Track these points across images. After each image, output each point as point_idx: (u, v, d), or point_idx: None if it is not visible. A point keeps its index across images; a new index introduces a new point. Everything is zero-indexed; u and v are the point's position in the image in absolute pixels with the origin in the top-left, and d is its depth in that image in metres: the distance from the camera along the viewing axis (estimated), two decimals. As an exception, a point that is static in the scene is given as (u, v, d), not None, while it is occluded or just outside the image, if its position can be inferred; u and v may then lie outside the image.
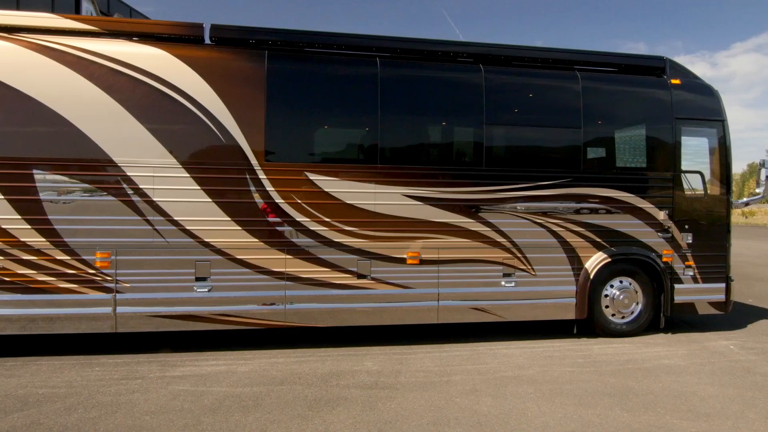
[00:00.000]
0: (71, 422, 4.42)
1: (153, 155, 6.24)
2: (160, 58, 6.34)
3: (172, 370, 5.81)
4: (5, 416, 4.51)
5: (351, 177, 6.66)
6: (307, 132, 6.90)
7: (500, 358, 6.42)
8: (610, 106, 7.50)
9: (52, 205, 6.12)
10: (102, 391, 5.16)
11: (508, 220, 6.99)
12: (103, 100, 6.17)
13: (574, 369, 6.06)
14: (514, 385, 5.48)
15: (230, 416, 4.59)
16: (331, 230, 6.60)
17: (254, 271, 6.47)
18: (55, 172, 6.12)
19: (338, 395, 5.12)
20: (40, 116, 6.06)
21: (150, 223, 6.25)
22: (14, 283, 6.04)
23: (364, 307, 6.72)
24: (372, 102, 6.80)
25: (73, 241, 6.14)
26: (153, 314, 6.31)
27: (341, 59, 7.01)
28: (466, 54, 7.27)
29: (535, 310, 7.14)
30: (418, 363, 6.19)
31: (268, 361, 6.20)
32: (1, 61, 6.06)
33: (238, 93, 6.46)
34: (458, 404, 4.95)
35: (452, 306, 6.91)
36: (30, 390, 5.16)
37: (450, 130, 7.33)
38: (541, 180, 7.07)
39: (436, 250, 6.85)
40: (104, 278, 6.21)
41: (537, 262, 7.10)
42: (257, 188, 6.45)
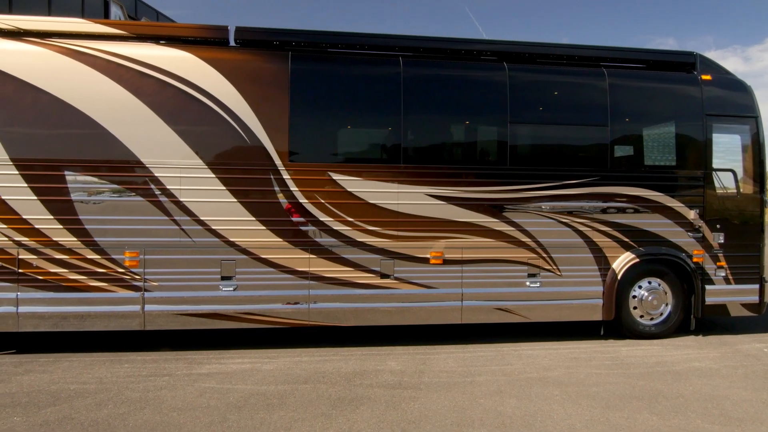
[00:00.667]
0: (101, 417, 4.52)
1: (180, 156, 6.34)
2: (186, 60, 6.45)
3: (199, 368, 5.90)
4: (38, 411, 4.64)
5: (374, 177, 6.67)
6: (330, 132, 6.94)
7: (525, 359, 6.35)
8: (638, 103, 7.35)
9: (83, 205, 6.27)
10: (131, 387, 5.27)
11: (532, 220, 6.91)
12: (132, 102, 6.30)
13: (601, 371, 5.95)
14: (540, 387, 5.41)
15: (255, 414, 4.64)
16: (354, 230, 6.61)
17: (278, 270, 6.53)
18: (85, 173, 6.27)
19: (362, 394, 5.13)
20: (71, 119, 6.22)
21: (177, 223, 6.36)
22: (47, 282, 6.21)
23: (387, 307, 6.71)
24: (395, 101, 6.79)
25: (102, 240, 6.28)
26: (180, 312, 6.41)
27: (364, 59, 7.02)
28: (490, 52, 7.21)
29: (560, 310, 7.04)
30: (441, 363, 6.16)
31: (292, 359, 6.25)
32: (34, 66, 6.23)
33: (262, 94, 6.53)
34: (482, 405, 4.91)
35: (476, 306, 6.86)
36: (62, 386, 5.30)
37: (473, 129, 7.27)
38: (567, 179, 6.96)
39: (459, 250, 6.81)
40: (133, 277, 6.34)
41: (562, 262, 7.00)
42: (281, 188, 6.51)
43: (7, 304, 6.17)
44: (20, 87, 6.17)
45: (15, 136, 6.16)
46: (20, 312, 6.18)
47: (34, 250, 6.19)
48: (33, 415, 4.56)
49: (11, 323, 6.19)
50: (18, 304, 6.18)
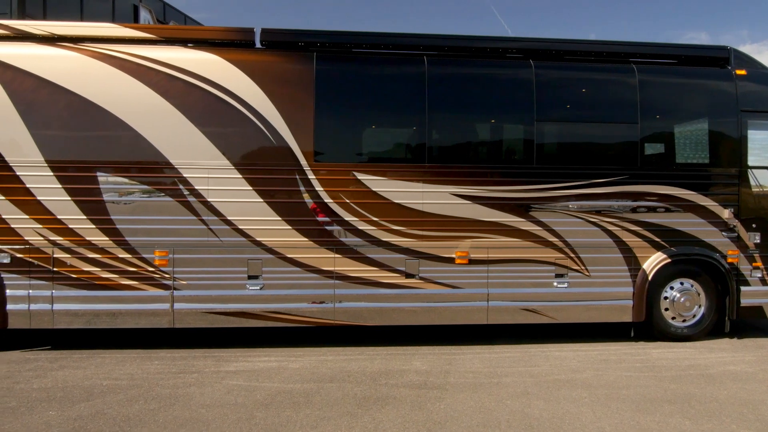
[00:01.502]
0: (132, 413, 4.62)
1: (207, 157, 6.44)
2: (214, 63, 6.54)
3: (226, 365, 5.98)
4: (72, 406, 4.77)
5: (399, 176, 6.66)
6: (355, 132, 6.97)
7: (552, 361, 6.26)
8: (670, 99, 7.18)
9: (114, 205, 6.43)
10: (161, 383, 5.37)
11: (560, 219, 6.80)
12: (161, 104, 6.42)
13: (631, 374, 5.83)
14: (568, 389, 5.32)
15: (282, 412, 4.68)
16: (379, 229, 6.62)
17: (304, 269, 6.57)
18: (116, 174, 6.43)
19: (387, 394, 5.12)
20: (103, 121, 6.38)
21: (205, 222, 6.46)
22: (80, 280, 6.38)
23: (413, 307, 6.70)
24: (419, 101, 6.77)
25: (133, 240, 6.42)
26: (208, 311, 6.51)
27: (388, 59, 7.02)
28: (516, 49, 7.13)
29: (589, 312, 6.91)
30: (467, 363, 6.12)
31: (318, 358, 6.28)
32: (68, 70, 6.41)
33: (287, 95, 6.59)
34: (509, 407, 4.86)
35: (502, 307, 6.79)
36: (95, 381, 5.43)
37: (499, 128, 7.21)
38: (596, 177, 6.83)
39: (485, 250, 6.74)
40: (163, 276, 6.47)
41: (591, 262, 6.87)
42: (306, 188, 6.55)
43: (43, 301, 6.35)
44: (55, 91, 6.36)
45: (50, 138, 6.35)
46: (55, 309, 6.37)
47: (69, 249, 6.36)
48: (67, 409, 4.69)
49: (47, 320, 6.38)
50: (53, 302, 6.36)
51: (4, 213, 6.28)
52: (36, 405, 4.78)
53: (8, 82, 6.32)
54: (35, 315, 6.35)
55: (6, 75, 6.32)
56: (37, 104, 6.35)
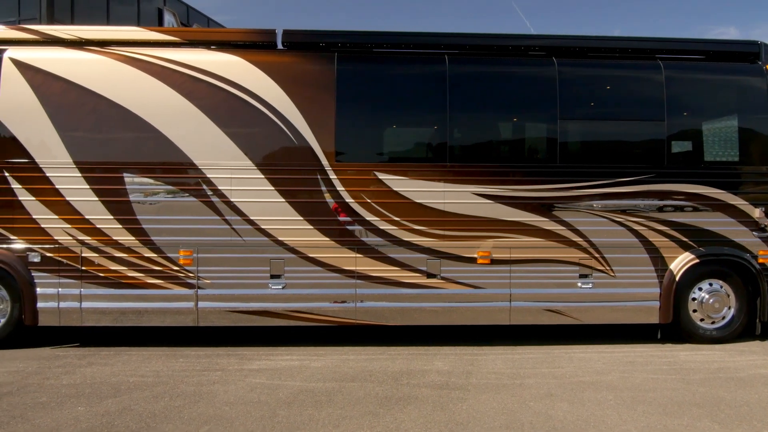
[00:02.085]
0: (158, 409, 4.69)
1: (230, 158, 6.52)
2: (236, 64, 6.61)
3: (249, 364, 6.04)
4: (100, 402, 4.87)
5: (420, 176, 6.64)
6: (376, 132, 6.98)
7: (576, 363, 6.17)
8: (697, 96, 7.04)
9: (140, 205, 6.54)
10: (186, 381, 5.45)
11: (584, 219, 6.70)
12: (185, 106, 6.52)
13: (658, 376, 5.71)
14: (592, 391, 5.24)
15: (304, 410, 4.70)
16: (400, 229, 6.61)
17: (326, 269, 6.60)
18: (142, 175, 6.54)
19: (409, 394, 5.11)
20: (129, 123, 6.50)
21: (228, 222, 6.53)
22: (108, 279, 6.52)
23: (434, 307, 6.67)
24: (441, 100, 6.75)
25: (159, 239, 6.53)
26: (231, 309, 6.59)
27: (409, 58, 7.02)
28: (538, 47, 7.06)
29: (614, 313, 6.80)
30: (489, 364, 6.07)
31: (340, 357, 6.30)
32: (95, 73, 6.55)
33: (309, 95, 6.62)
34: (532, 408, 4.80)
35: (525, 307, 6.72)
36: (122, 378, 5.54)
37: (521, 127, 7.14)
38: (621, 176, 6.71)
39: (507, 250, 6.68)
40: (187, 275, 6.56)
41: (616, 262, 6.75)
42: (328, 188, 6.58)
43: (72, 299, 6.50)
44: (82, 93, 6.50)
45: (78, 140, 6.50)
46: (83, 307, 6.51)
47: (96, 248, 6.50)
48: (95, 405, 4.79)
49: (75, 318, 6.53)
50: (81, 300, 6.51)
51: (35, 213, 6.45)
52: (65, 400, 4.89)
53: (38, 86, 6.48)
54: (64, 312, 6.51)
55: (36, 79, 6.49)
56: (65, 107, 6.50)
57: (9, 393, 5.06)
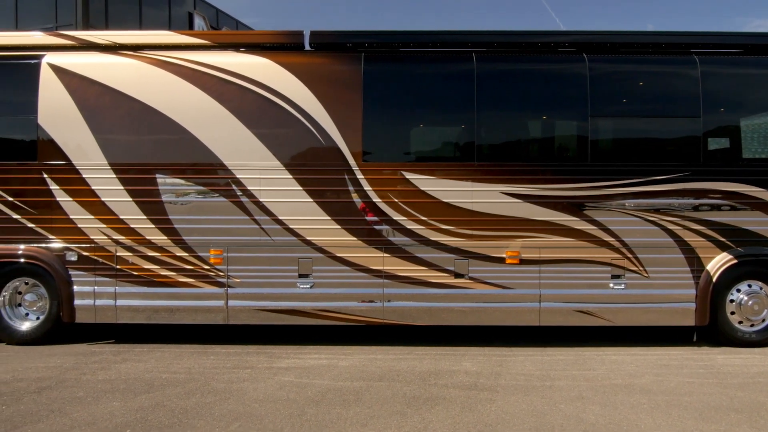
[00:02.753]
0: (190, 406, 4.78)
1: (259, 158, 6.59)
2: (265, 66, 6.69)
3: (278, 362, 6.11)
4: (134, 397, 4.99)
5: (447, 175, 6.60)
6: (403, 131, 6.97)
7: (608, 365, 6.04)
8: (735, 91, 6.82)
9: (172, 206, 6.68)
10: (216, 378, 5.54)
11: (616, 218, 6.55)
12: (215, 108, 6.62)
13: (693, 380, 5.55)
14: (625, 394, 5.12)
15: (332, 409, 4.73)
16: (427, 229, 6.58)
17: (353, 268, 6.62)
18: (174, 175, 6.68)
19: (437, 394, 5.09)
20: (161, 125, 6.64)
21: (257, 222, 6.62)
22: (141, 277, 6.67)
23: (462, 307, 6.62)
24: (468, 98, 6.69)
25: (190, 239, 6.66)
26: (260, 308, 6.67)
27: (436, 57, 6.99)
28: (568, 43, 6.94)
29: (647, 314, 6.63)
30: (518, 366, 5.99)
31: (367, 357, 6.31)
32: (128, 77, 6.71)
33: (336, 96, 6.65)
34: (563, 411, 4.72)
35: (555, 308, 6.61)
36: (155, 374, 5.66)
37: (551, 124, 7.03)
38: (654, 174, 6.54)
39: (537, 250, 6.59)
40: (217, 274, 6.67)
41: (650, 263, 6.59)
42: (355, 188, 6.60)
43: (107, 297, 6.68)
44: (116, 97, 6.67)
45: (112, 142, 6.67)
46: (118, 305, 6.69)
47: (130, 247, 6.66)
48: (130, 400, 4.91)
49: (110, 315, 6.71)
50: (116, 298, 6.68)
51: (72, 213, 6.64)
52: (101, 396, 5.02)
53: (75, 90, 6.68)
54: (100, 310, 6.69)
55: (73, 83, 6.68)
56: (100, 110, 6.68)
57: (48, 387, 5.23)
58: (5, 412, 4.61)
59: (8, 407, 4.72)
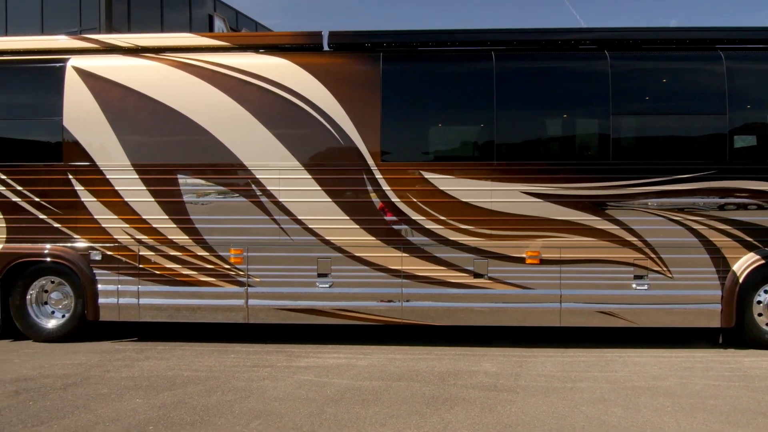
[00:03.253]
0: (211, 403, 4.83)
1: (278, 158, 6.64)
2: (284, 67, 6.73)
3: (298, 361, 6.14)
4: (157, 394, 5.06)
5: (466, 174, 6.57)
6: (421, 131, 6.95)
7: (631, 367, 5.94)
8: (762, 87, 6.64)
9: (193, 206, 6.76)
10: (237, 376, 5.59)
11: (639, 218, 6.44)
12: (235, 109, 6.68)
13: (719, 383, 5.43)
14: (648, 397, 5.03)
15: (351, 408, 4.73)
16: (446, 228, 6.55)
17: (372, 268, 6.62)
18: (195, 176, 6.76)
19: (456, 395, 5.06)
20: (183, 126, 6.72)
21: (277, 222, 6.66)
22: (163, 276, 6.77)
23: (481, 307, 6.58)
24: (487, 97, 6.65)
25: (210, 238, 6.73)
26: (280, 307, 6.71)
27: (455, 56, 6.96)
28: (589, 40, 6.85)
29: (671, 315, 6.51)
30: (539, 367, 5.94)
31: (386, 356, 6.31)
32: (150, 79, 6.81)
33: (355, 96, 6.66)
34: (584, 413, 4.66)
35: (576, 309, 6.53)
36: (177, 372, 5.74)
37: (572, 123, 6.95)
38: (678, 173, 6.42)
39: (557, 250, 6.51)
40: (238, 273, 6.73)
41: (674, 263, 6.46)
42: (374, 188, 6.60)
43: (130, 296, 6.79)
44: (139, 99, 6.77)
45: (135, 143, 6.77)
46: (141, 304, 6.79)
47: (152, 247, 6.76)
48: (152, 397, 4.98)
49: (133, 313, 6.82)
50: (139, 297, 6.79)
51: (96, 213, 6.77)
52: (125, 392, 5.11)
53: (98, 92, 6.80)
54: (123, 308, 6.80)
55: (96, 85, 6.81)
56: (123, 112, 6.79)
57: (73, 384, 5.33)
58: (32, 408, 4.71)
59: (35, 403, 4.83)
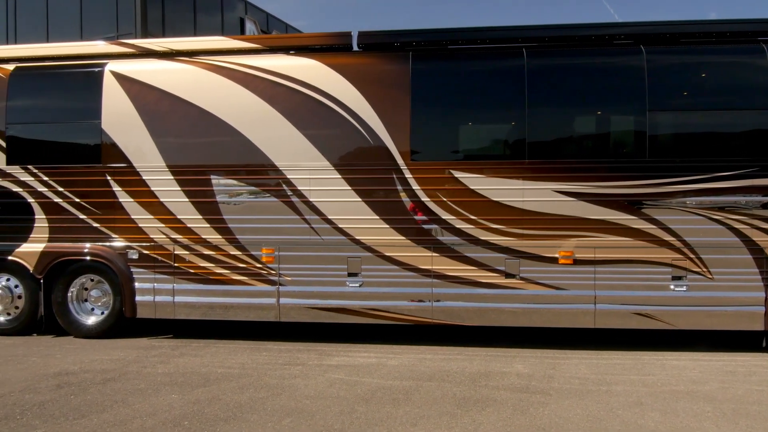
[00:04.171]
0: (244, 400, 4.91)
1: (309, 159, 6.69)
2: (314, 68, 6.78)
3: (328, 359, 6.18)
4: (191, 390, 5.17)
5: (497, 173, 6.49)
6: (451, 130, 6.91)
7: (669, 370, 5.78)
8: None
9: (226, 206, 6.88)
10: (269, 374, 5.66)
11: (677, 217, 6.26)
12: (267, 110, 6.77)
13: (763, 388, 5.23)
14: (687, 401, 4.88)
15: (382, 407, 4.74)
16: (477, 228, 6.49)
17: (402, 268, 6.61)
18: (227, 176, 6.87)
19: (487, 396, 5.01)
20: (216, 128, 6.84)
21: (307, 221, 6.72)
22: (197, 275, 6.91)
23: (513, 308, 6.50)
24: (519, 95, 6.56)
25: (243, 238, 6.83)
26: (310, 306, 6.77)
27: (485, 53, 6.89)
28: (624, 35, 6.68)
29: (711, 318, 6.30)
30: (572, 369, 5.82)
31: (417, 356, 6.29)
32: (184, 82, 6.95)
33: (384, 95, 6.66)
34: (620, 417, 4.55)
35: (612, 310, 6.38)
36: (211, 369, 5.84)
37: (606, 120, 6.79)
38: (719, 170, 6.20)
39: (592, 250, 6.37)
40: (269, 272, 6.82)
41: (714, 264, 6.25)
42: (403, 187, 6.58)
43: (166, 294, 6.95)
44: (173, 101, 6.92)
45: (170, 145, 6.93)
46: (176, 301, 6.94)
47: (187, 246, 6.91)
48: (187, 393, 5.08)
49: (168, 311, 6.98)
50: (174, 294, 6.94)
51: (133, 213, 6.95)
52: (161, 388, 5.23)
53: (135, 96, 6.98)
54: (159, 306, 6.97)
55: (133, 89, 6.99)
56: (158, 114, 6.95)
57: (112, 379, 5.49)
58: (74, 402, 4.87)
59: (76, 397, 4.99)
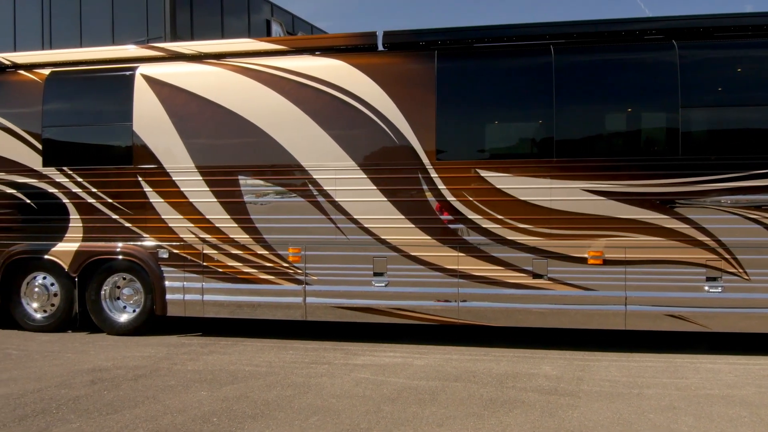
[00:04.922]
0: (271, 398, 4.96)
1: (334, 159, 6.72)
2: (339, 68, 6.80)
3: (354, 359, 6.20)
4: (220, 387, 5.25)
5: (524, 172, 6.41)
6: (477, 129, 6.86)
7: (703, 374, 5.62)
8: None
9: (253, 206, 6.96)
10: (295, 372, 5.71)
11: (711, 216, 6.08)
12: (293, 111, 6.82)
13: (804, 393, 5.04)
14: (722, 406, 4.74)
15: (408, 407, 4.73)
16: (504, 228, 6.43)
17: (428, 267, 6.59)
18: (254, 177, 6.95)
19: (515, 397, 4.95)
20: (243, 129, 6.93)
21: (333, 221, 6.75)
22: (226, 274, 7.01)
23: (541, 308, 6.41)
24: (546, 93, 6.46)
25: (270, 237, 6.91)
26: (336, 305, 6.80)
27: (511, 51, 6.82)
28: (656, 30, 6.51)
29: (748, 320, 6.10)
30: (602, 371, 5.72)
31: (443, 357, 6.26)
32: (212, 84, 7.06)
33: (409, 95, 6.65)
34: (652, 421, 4.44)
35: (643, 312, 6.24)
36: (239, 367, 5.93)
37: (636, 117, 6.65)
38: (755, 168, 6.00)
39: (622, 250, 6.24)
40: (296, 271, 6.87)
41: (751, 264, 6.05)
42: (429, 187, 6.56)
43: (195, 292, 7.08)
44: (202, 103, 7.04)
45: (198, 146, 7.04)
46: (205, 300, 7.06)
47: (215, 246, 7.02)
48: (216, 390, 5.17)
49: (197, 309, 7.10)
50: (203, 293, 7.06)
51: (163, 213, 7.09)
52: (190, 385, 5.33)
53: (165, 98, 7.12)
54: (189, 304, 7.10)
55: (163, 91, 7.13)
56: (187, 116, 7.07)
57: (143, 375, 5.62)
58: (107, 397, 5.00)
59: (109, 392, 5.12)
